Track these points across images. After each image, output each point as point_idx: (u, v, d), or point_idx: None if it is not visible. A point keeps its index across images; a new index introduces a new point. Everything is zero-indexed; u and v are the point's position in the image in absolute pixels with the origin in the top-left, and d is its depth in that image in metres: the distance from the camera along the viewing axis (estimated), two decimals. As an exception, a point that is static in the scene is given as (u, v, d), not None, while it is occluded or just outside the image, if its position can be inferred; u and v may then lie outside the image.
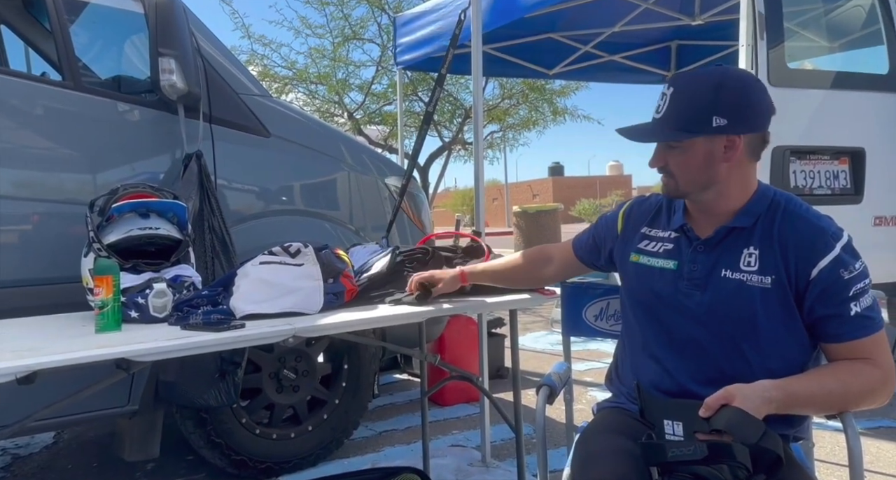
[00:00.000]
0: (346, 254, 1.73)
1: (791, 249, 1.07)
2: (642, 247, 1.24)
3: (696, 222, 1.17)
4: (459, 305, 1.58)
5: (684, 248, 1.17)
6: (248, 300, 1.47)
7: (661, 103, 1.11)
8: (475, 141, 2.37)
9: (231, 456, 2.12)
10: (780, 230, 1.09)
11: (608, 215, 1.37)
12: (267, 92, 2.42)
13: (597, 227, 1.37)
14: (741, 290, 1.09)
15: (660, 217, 1.25)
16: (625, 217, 1.31)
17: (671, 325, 1.17)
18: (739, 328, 1.10)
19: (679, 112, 1.08)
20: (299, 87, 7.17)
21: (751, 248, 1.10)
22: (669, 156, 1.12)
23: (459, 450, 2.43)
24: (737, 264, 1.10)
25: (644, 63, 4.81)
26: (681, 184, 1.13)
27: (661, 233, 1.23)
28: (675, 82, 1.11)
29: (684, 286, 1.15)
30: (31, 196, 1.83)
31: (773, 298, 1.08)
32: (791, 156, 2.37)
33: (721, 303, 1.11)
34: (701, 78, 1.10)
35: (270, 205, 2.30)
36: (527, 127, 8.18)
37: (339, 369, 2.38)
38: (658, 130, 1.11)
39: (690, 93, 1.08)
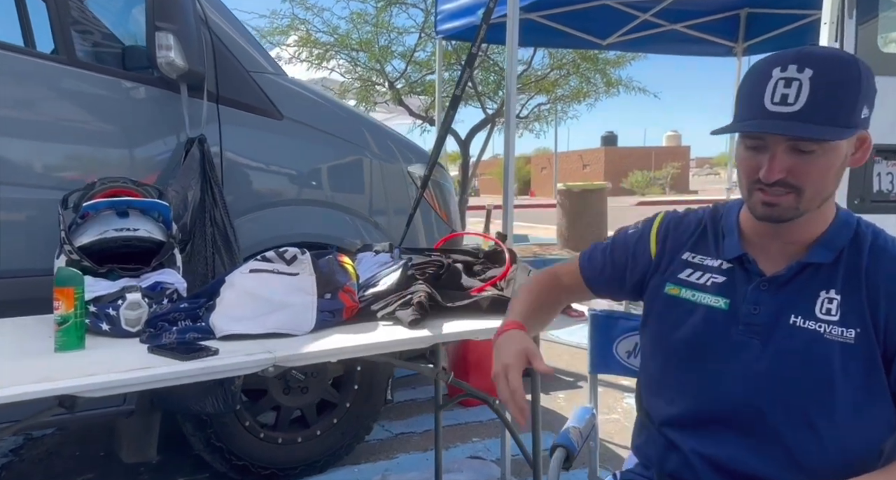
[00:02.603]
0: (351, 263, 1.54)
1: (883, 297, 0.85)
2: (684, 278, 0.99)
3: (760, 252, 0.94)
4: (466, 330, 1.37)
5: (741, 284, 0.93)
6: (230, 317, 1.31)
7: (788, 91, 0.82)
8: (506, 129, 2.11)
9: (232, 461, 2.01)
10: (869, 272, 0.87)
11: (631, 233, 1.09)
12: (281, 70, 2.22)
13: (615, 248, 1.09)
14: (816, 344, 0.86)
15: (705, 241, 1.00)
16: (659, 237, 1.04)
17: (716, 381, 0.92)
18: (811, 393, 0.86)
19: (831, 100, 0.81)
20: (341, 54, 6.94)
21: (831, 292, 0.88)
22: (797, 164, 0.84)
23: (478, 464, 2.26)
24: (811, 310, 0.88)
25: (709, 33, 4.36)
26: (804, 202, 0.85)
27: (710, 261, 0.98)
28: (806, 61, 0.82)
29: (739, 332, 0.91)
30: (11, 181, 1.70)
31: (857, 357, 0.84)
32: (876, 156, 2.02)
33: (788, 359, 0.87)
34: (835, 53, 0.85)
35: (282, 194, 2.13)
36: (577, 99, 7.73)
37: (353, 371, 2.22)
38: (808, 126, 0.82)
39: (841, 74, 0.82)
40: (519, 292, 1.18)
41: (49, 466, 2.29)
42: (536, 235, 10.07)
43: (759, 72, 0.85)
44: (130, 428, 1.91)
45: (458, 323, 1.39)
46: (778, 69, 0.82)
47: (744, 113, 0.86)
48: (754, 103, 0.83)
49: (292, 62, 6.72)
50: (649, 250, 1.04)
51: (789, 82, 0.82)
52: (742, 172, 0.89)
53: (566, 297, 1.19)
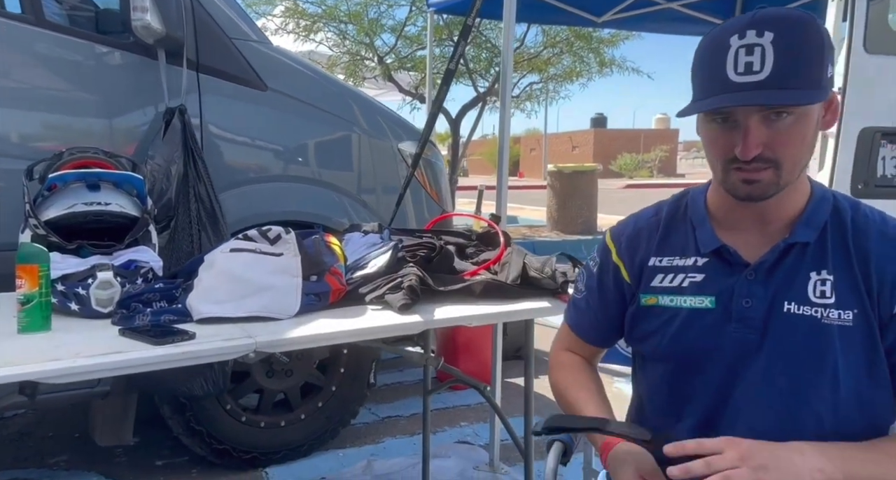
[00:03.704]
0: (339, 244, 1.47)
1: (874, 273, 0.80)
2: (657, 285, 0.89)
3: (738, 239, 0.85)
4: (458, 315, 1.31)
5: (723, 278, 0.85)
6: (208, 299, 1.23)
7: (751, 59, 0.74)
8: (501, 105, 2.03)
9: (213, 445, 1.95)
10: (858, 246, 0.81)
11: (596, 270, 0.97)
12: (266, 38, 2.10)
13: (591, 296, 0.98)
14: (815, 331, 0.80)
15: (668, 241, 0.90)
16: (623, 259, 0.93)
17: (718, 386, 0.84)
18: (814, 382, 0.80)
19: (799, 62, 0.74)
20: (329, 26, 6.75)
21: (822, 272, 0.81)
22: (773, 135, 0.77)
23: (466, 449, 2.22)
24: (805, 295, 0.81)
25: (704, 12, 4.26)
26: (784, 174, 0.78)
27: (680, 260, 0.88)
28: (766, 24, 0.75)
29: (735, 330, 0.83)
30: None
31: (856, 339, 0.79)
32: (882, 140, 1.97)
33: (789, 351, 0.80)
34: (794, 16, 0.77)
35: (265, 169, 2.03)
36: (570, 78, 7.62)
37: (339, 354, 2.16)
38: (781, 93, 0.74)
39: (801, 36, 0.75)
40: (569, 401, 0.97)
41: (20, 447, 2.21)
42: (526, 216, 10.03)
43: (715, 42, 0.77)
44: (106, 410, 1.84)
45: (450, 309, 1.32)
46: (735, 37, 0.75)
47: (706, 89, 0.78)
48: (716, 77, 0.76)
49: (278, 33, 6.52)
50: (622, 276, 0.94)
51: (751, 49, 0.74)
52: (713, 152, 0.81)
53: (595, 362, 1.06)
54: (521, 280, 1.44)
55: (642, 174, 25.62)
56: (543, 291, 1.41)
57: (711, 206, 0.89)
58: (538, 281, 1.44)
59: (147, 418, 1.93)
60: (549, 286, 1.42)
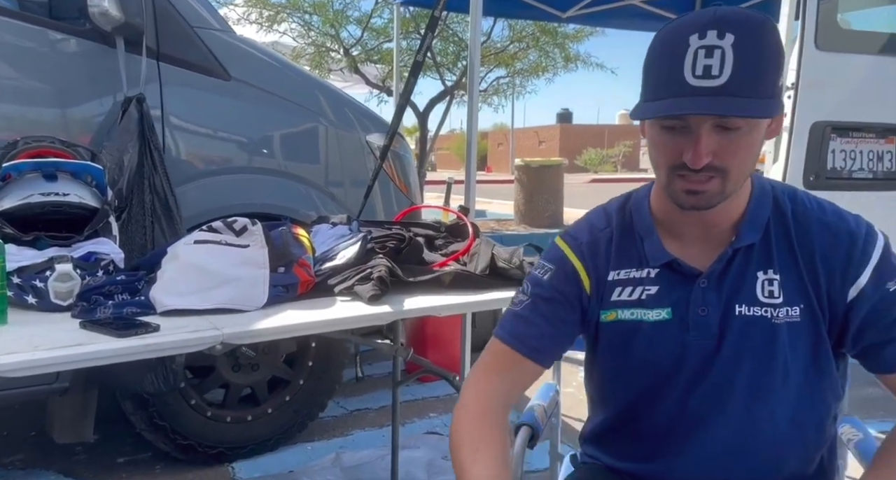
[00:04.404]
0: (306, 234, 1.46)
1: (820, 266, 0.81)
2: (616, 299, 0.87)
3: (685, 248, 0.85)
4: (427, 306, 1.32)
5: (677, 288, 0.84)
6: (172, 291, 1.21)
7: (710, 62, 0.70)
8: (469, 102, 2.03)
9: (177, 440, 1.92)
10: (801, 240, 0.82)
11: (548, 278, 0.89)
12: (229, 27, 2.06)
13: (540, 304, 0.89)
14: (767, 330, 0.81)
15: (623, 252, 0.88)
16: (586, 266, 0.88)
17: (680, 393, 0.85)
18: (768, 381, 0.82)
19: (758, 69, 0.71)
20: (293, 17, 6.64)
21: (769, 272, 0.82)
22: (723, 145, 0.74)
23: (435, 439, 2.24)
24: (754, 295, 0.82)
25: (665, 9, 4.36)
26: (729, 184, 0.77)
27: (636, 272, 0.86)
28: (727, 24, 0.71)
29: (694, 339, 0.83)
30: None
31: (804, 333, 0.81)
32: (832, 133, 2.05)
33: (743, 353, 0.82)
34: (756, 18, 0.74)
35: (229, 160, 2.00)
36: (536, 73, 7.69)
37: (307, 347, 2.15)
38: (737, 102, 0.71)
39: (761, 42, 0.72)
40: (463, 458, 0.84)
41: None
42: (493, 210, 10.08)
43: (674, 39, 0.73)
44: (65, 407, 1.78)
45: (420, 299, 1.33)
46: (696, 36, 0.71)
47: (661, 89, 0.74)
48: (673, 77, 0.72)
49: (240, 23, 6.38)
50: (583, 286, 0.88)
51: (710, 51, 0.70)
52: (660, 157, 0.78)
53: (516, 396, 0.91)
54: (490, 270, 1.46)
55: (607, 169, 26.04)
56: (511, 281, 1.43)
57: (656, 213, 0.88)
58: (506, 271, 1.46)
59: (107, 415, 1.88)
60: (516, 276, 1.44)
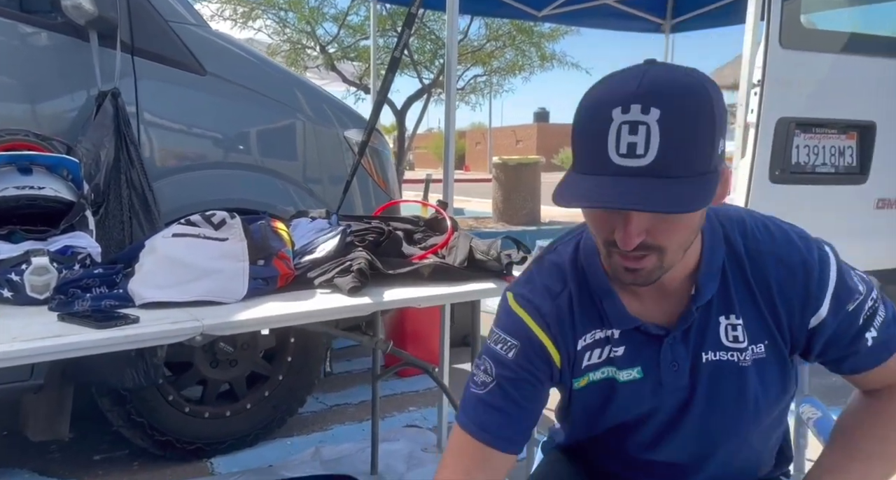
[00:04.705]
0: (286, 228, 1.46)
1: (778, 301, 0.80)
2: (586, 364, 0.84)
3: (646, 308, 0.82)
4: (407, 297, 1.34)
5: (644, 348, 0.83)
6: (151, 283, 1.21)
7: (635, 139, 0.65)
8: (447, 94, 2.06)
9: (155, 437, 1.91)
10: (757, 281, 0.80)
11: (512, 356, 0.82)
12: (204, 22, 2.05)
13: (505, 386, 0.82)
14: (735, 373, 0.82)
15: (585, 314, 0.83)
16: (554, 342, 0.83)
17: (653, 441, 0.87)
18: (740, 416, 0.85)
19: (689, 147, 0.66)
20: (268, 13, 6.59)
21: (731, 317, 0.81)
22: (658, 222, 0.70)
23: (414, 432, 2.26)
24: (719, 341, 0.81)
25: (638, 8, 4.46)
26: (668, 260, 0.73)
27: (601, 333, 0.83)
28: (653, 98, 0.65)
29: (668, 392, 0.83)
30: None
31: (770, 366, 0.83)
32: (796, 129, 2.13)
33: (717, 395, 0.83)
34: (686, 87, 0.67)
35: (205, 156, 1.99)
36: (512, 72, 7.75)
37: (286, 342, 2.15)
38: (663, 188, 0.65)
39: (691, 113, 0.66)
40: None
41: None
42: (472, 208, 10.13)
43: (598, 110, 0.68)
44: (40, 405, 1.76)
45: (400, 291, 1.35)
46: (619, 110, 0.65)
47: (586, 163, 0.69)
48: (598, 153, 0.67)
49: (215, 20, 6.32)
50: (553, 362, 0.83)
51: (635, 127, 0.65)
52: (593, 230, 0.75)
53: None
54: (468, 262, 1.48)
55: (583, 167, 26.23)
56: (489, 273, 1.46)
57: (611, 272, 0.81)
58: (484, 263, 1.49)
59: (81, 413, 1.86)
60: (494, 268, 1.47)
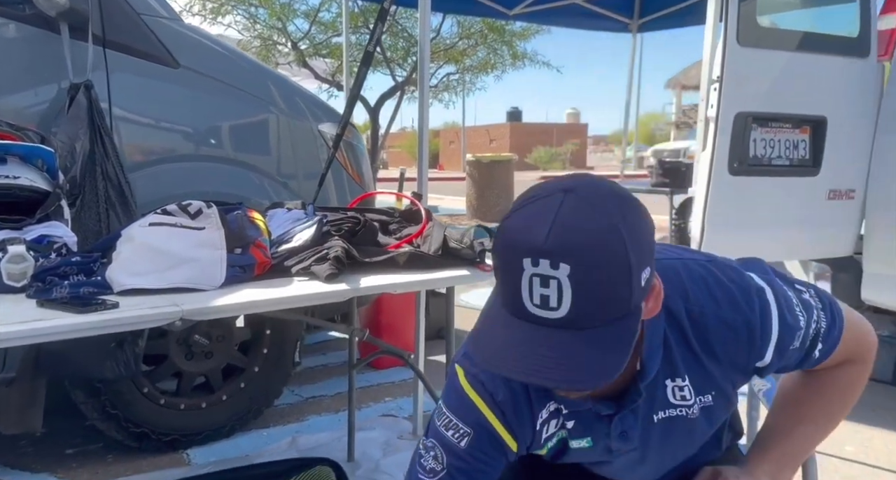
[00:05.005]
0: (262, 218, 1.49)
1: (723, 358, 0.82)
2: (545, 437, 0.86)
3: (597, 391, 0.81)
4: (384, 283, 1.38)
5: (594, 423, 0.85)
6: (130, 271, 1.22)
7: (547, 292, 0.63)
8: (420, 88, 2.10)
9: (130, 429, 1.91)
10: (701, 343, 0.81)
11: (465, 445, 0.82)
12: (177, 15, 2.05)
13: (455, 477, 0.82)
14: (684, 425, 0.86)
15: (538, 393, 0.84)
16: (511, 432, 0.83)
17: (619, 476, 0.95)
18: (689, 455, 0.93)
19: (603, 299, 0.64)
20: (238, 9, 6.52)
21: (677, 380, 0.83)
22: None
23: (390, 421, 2.30)
24: (667, 401, 0.84)
25: (606, 8, 4.56)
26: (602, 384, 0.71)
27: (552, 405, 0.84)
28: (561, 253, 0.62)
29: (618, 454, 0.88)
30: None
31: (718, 408, 0.87)
32: (753, 123, 2.22)
33: (669, 447, 0.89)
34: (594, 237, 0.64)
35: (179, 149, 1.99)
36: (485, 70, 7.83)
37: (261, 334, 2.16)
38: (580, 352, 0.65)
39: (603, 265, 0.63)
40: None
41: None
42: (446, 206, 10.19)
43: (511, 255, 0.65)
44: (11, 397, 1.74)
45: (376, 278, 1.38)
46: (529, 261, 0.63)
47: (507, 298, 0.67)
48: (515, 295, 0.65)
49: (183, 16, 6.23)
50: (509, 449, 0.84)
51: (546, 281, 0.63)
52: None
53: None
54: (442, 251, 1.52)
55: (555, 166, 26.57)
56: (463, 260, 1.50)
57: None
58: (458, 251, 1.53)
59: (53, 408, 1.84)
60: (467, 256, 1.51)
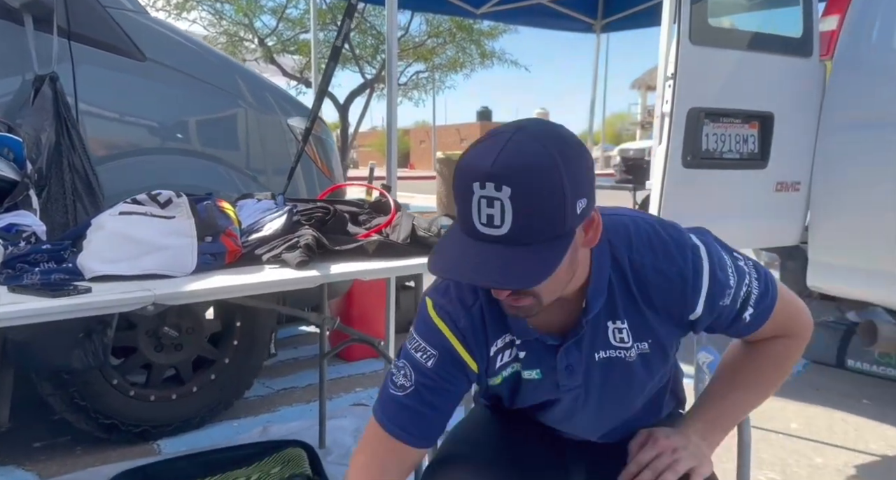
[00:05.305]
0: (232, 208, 1.51)
1: (659, 306, 0.91)
2: (499, 365, 0.95)
3: (546, 321, 0.91)
4: (354, 270, 1.42)
5: (543, 354, 0.94)
6: (101, 258, 1.24)
7: (492, 212, 0.73)
8: (388, 84, 2.15)
9: (99, 420, 1.91)
10: (640, 291, 0.90)
11: (432, 364, 0.91)
12: (142, 8, 2.06)
13: (422, 396, 0.91)
14: (623, 367, 0.94)
15: (494, 323, 0.93)
16: (469, 350, 0.92)
17: (558, 418, 1.01)
18: (630, 403, 1.00)
19: (538, 218, 0.74)
20: (203, 4, 6.44)
21: (617, 322, 0.92)
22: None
23: (361, 410, 2.34)
24: (608, 341, 0.93)
25: (571, 8, 4.67)
26: (544, 301, 0.83)
27: (508, 336, 0.93)
28: (503, 177, 0.72)
29: (565, 390, 0.96)
30: None
31: (654, 357, 0.95)
32: (705, 119, 2.33)
33: (609, 387, 0.96)
34: (533, 156, 0.73)
35: (146, 142, 2.00)
36: (454, 68, 7.89)
37: (231, 326, 2.18)
38: (518, 257, 0.74)
39: (541, 185, 0.73)
40: None
41: None
42: (417, 203, 10.21)
43: (463, 180, 0.75)
44: (-24, 393, 1.73)
45: (346, 265, 1.41)
46: (477, 185, 0.73)
47: (462, 220, 0.78)
48: (467, 217, 0.76)
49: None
50: (470, 370, 0.93)
51: (491, 202, 0.73)
52: None
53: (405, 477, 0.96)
54: (411, 239, 1.57)
55: (524, 164, 26.77)
56: (431, 249, 1.55)
57: None
58: (426, 239, 1.58)
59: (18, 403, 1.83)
60: (435, 244, 1.56)
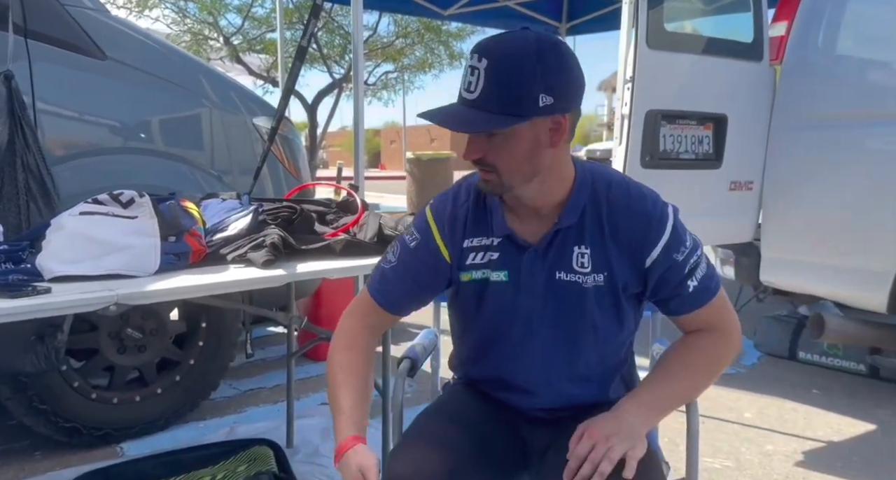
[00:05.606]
0: (196, 207, 1.50)
1: (623, 243, 1.00)
2: (469, 263, 1.05)
3: (521, 225, 1.03)
4: (320, 269, 1.43)
5: (513, 256, 1.03)
6: (61, 258, 1.23)
7: (472, 79, 0.90)
8: (354, 81, 2.16)
9: (59, 423, 1.87)
10: (609, 223, 1.00)
11: (414, 245, 1.06)
12: (102, 7, 2.03)
13: (404, 266, 1.06)
14: (579, 293, 1.01)
15: (476, 223, 1.05)
16: (444, 239, 1.05)
17: (515, 341, 1.06)
18: (581, 333, 1.05)
19: (500, 90, 0.89)
20: (167, 2, 6.32)
21: (582, 247, 1.01)
22: (489, 146, 0.93)
23: (328, 409, 2.33)
24: (570, 265, 1.01)
25: (537, 11, 4.73)
26: (504, 179, 0.95)
27: (485, 240, 1.04)
28: (485, 51, 0.90)
29: (525, 299, 1.03)
30: None
31: (606, 295, 1.02)
32: (662, 120, 2.40)
33: (564, 310, 1.03)
34: (517, 45, 0.90)
35: (107, 141, 1.97)
36: (423, 69, 7.91)
37: (196, 327, 2.16)
38: (478, 117, 0.90)
39: (510, 65, 0.89)
40: (331, 388, 1.07)
41: None
42: (387, 203, 10.20)
43: (470, 54, 0.93)
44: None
45: (313, 264, 1.41)
46: (474, 57, 0.90)
47: (459, 90, 0.95)
48: (461, 84, 0.93)
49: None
50: (443, 256, 1.05)
51: (473, 70, 0.90)
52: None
53: (374, 341, 1.12)
54: (378, 237, 1.58)
55: (493, 165, 26.94)
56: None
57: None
58: (393, 237, 1.60)
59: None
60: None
